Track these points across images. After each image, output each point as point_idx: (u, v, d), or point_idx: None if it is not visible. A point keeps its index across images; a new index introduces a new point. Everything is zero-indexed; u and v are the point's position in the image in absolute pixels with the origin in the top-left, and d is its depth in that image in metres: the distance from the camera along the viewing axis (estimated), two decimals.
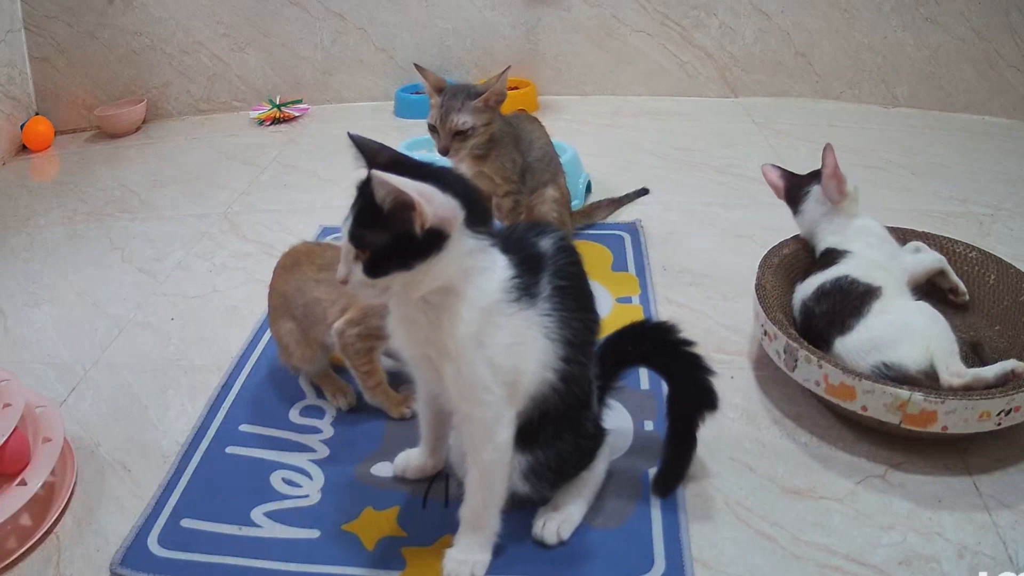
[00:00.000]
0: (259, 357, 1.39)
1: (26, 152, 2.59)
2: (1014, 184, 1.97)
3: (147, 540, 1.00)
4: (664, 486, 1.04)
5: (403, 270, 0.78)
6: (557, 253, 0.88)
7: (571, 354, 0.88)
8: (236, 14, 2.69)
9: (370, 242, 0.78)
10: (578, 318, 0.88)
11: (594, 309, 0.94)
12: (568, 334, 0.87)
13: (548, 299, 0.85)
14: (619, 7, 2.63)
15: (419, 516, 1.03)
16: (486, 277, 0.82)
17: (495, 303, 0.82)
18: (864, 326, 1.14)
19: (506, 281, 0.82)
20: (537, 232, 0.90)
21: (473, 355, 0.82)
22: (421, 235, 0.76)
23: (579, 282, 0.91)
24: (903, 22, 2.49)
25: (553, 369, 0.87)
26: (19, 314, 1.60)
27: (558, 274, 0.87)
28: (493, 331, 0.82)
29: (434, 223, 0.76)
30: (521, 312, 0.83)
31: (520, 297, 0.83)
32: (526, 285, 0.84)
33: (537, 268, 0.86)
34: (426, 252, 0.77)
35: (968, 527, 0.98)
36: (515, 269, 0.84)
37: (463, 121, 1.40)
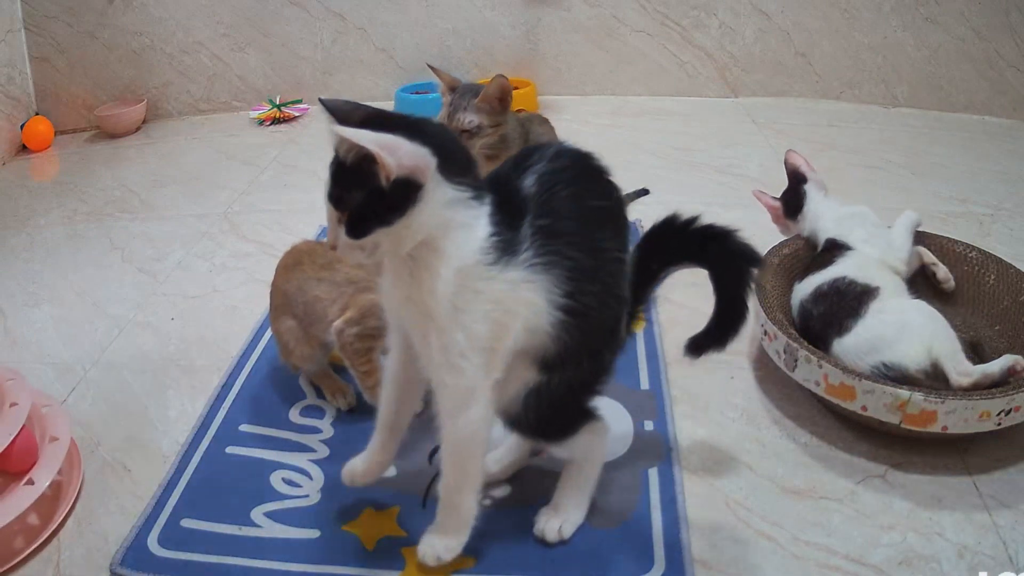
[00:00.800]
0: (259, 357, 1.39)
1: (26, 152, 2.59)
2: (1014, 184, 1.97)
3: (147, 540, 1.00)
4: (699, 347, 0.99)
5: (383, 226, 0.76)
6: (541, 184, 0.82)
7: (575, 288, 0.82)
8: (236, 14, 2.69)
9: (347, 201, 0.77)
10: (578, 245, 0.82)
11: (607, 226, 0.86)
12: (564, 271, 0.81)
13: (531, 248, 0.80)
14: (619, 7, 2.63)
15: (419, 516, 1.03)
16: (466, 233, 0.78)
17: (472, 265, 0.78)
18: (862, 327, 1.14)
19: (484, 240, 0.78)
20: (523, 168, 0.84)
21: (449, 319, 0.79)
22: (388, 187, 0.74)
23: (575, 205, 0.83)
24: (903, 22, 2.49)
25: (551, 315, 0.82)
26: (19, 314, 1.60)
27: (543, 211, 0.81)
28: (470, 297, 0.79)
29: (401, 173, 0.73)
30: (501, 274, 0.79)
31: (499, 258, 0.79)
32: (506, 243, 0.79)
33: (518, 215, 0.81)
34: (402, 205, 0.75)
35: (968, 527, 0.98)
36: (495, 226, 0.79)
37: (468, 120, 1.42)
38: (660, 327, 1.41)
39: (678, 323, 1.43)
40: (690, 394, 1.25)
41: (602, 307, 0.86)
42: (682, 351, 1.00)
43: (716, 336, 0.98)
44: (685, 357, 0.99)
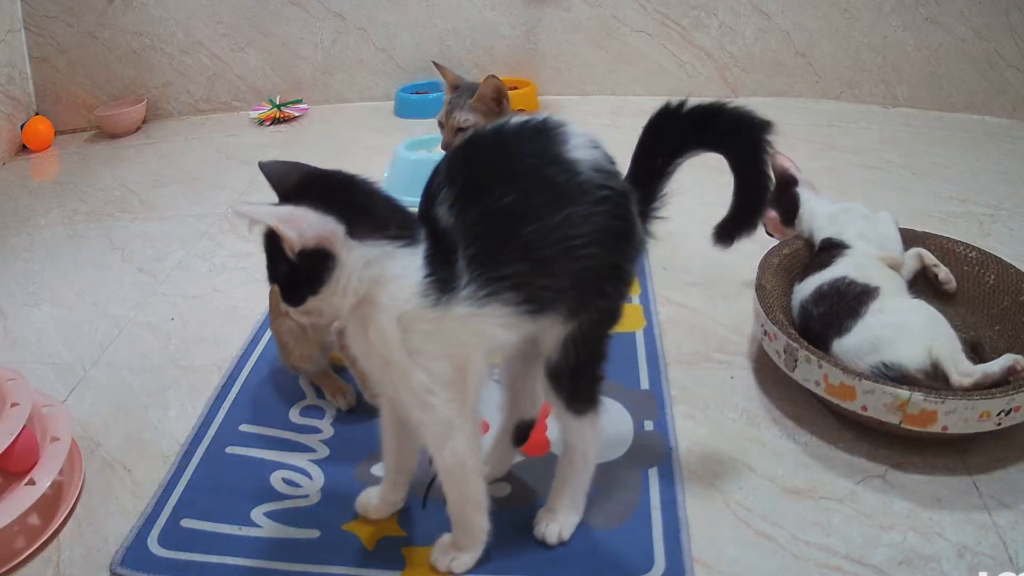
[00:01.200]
0: (259, 357, 1.39)
1: (26, 152, 2.59)
2: (1014, 184, 1.97)
3: (147, 540, 1.00)
4: (728, 233, 0.93)
5: (312, 295, 0.77)
6: (452, 213, 0.78)
7: (532, 293, 0.80)
8: (236, 14, 2.69)
9: (275, 273, 0.78)
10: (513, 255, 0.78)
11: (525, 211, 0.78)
12: (511, 291, 0.79)
13: (471, 282, 0.78)
14: (619, 7, 2.63)
15: (419, 516, 1.03)
16: (397, 284, 0.77)
17: (412, 311, 0.77)
18: (861, 326, 1.14)
19: (419, 284, 0.77)
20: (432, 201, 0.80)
21: (406, 363, 0.80)
22: (297, 259, 0.74)
23: (487, 217, 0.78)
24: (903, 22, 2.48)
25: (520, 324, 0.81)
26: (19, 314, 1.60)
27: (466, 240, 0.78)
28: (420, 339, 0.79)
29: (307, 245, 0.73)
30: (446, 312, 0.78)
31: (439, 298, 0.77)
32: (442, 281, 0.77)
33: (450, 251, 0.78)
34: (318, 274, 0.75)
35: (968, 527, 0.98)
36: (429, 266, 0.78)
37: (464, 119, 1.43)
38: (660, 327, 1.41)
39: (678, 323, 1.44)
40: (690, 394, 1.25)
41: (579, 277, 0.82)
42: (712, 240, 0.93)
43: (743, 217, 0.92)
44: (715, 246, 0.93)
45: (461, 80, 1.49)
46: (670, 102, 0.88)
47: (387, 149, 2.11)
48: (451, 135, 1.45)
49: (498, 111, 1.45)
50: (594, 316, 0.85)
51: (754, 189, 0.90)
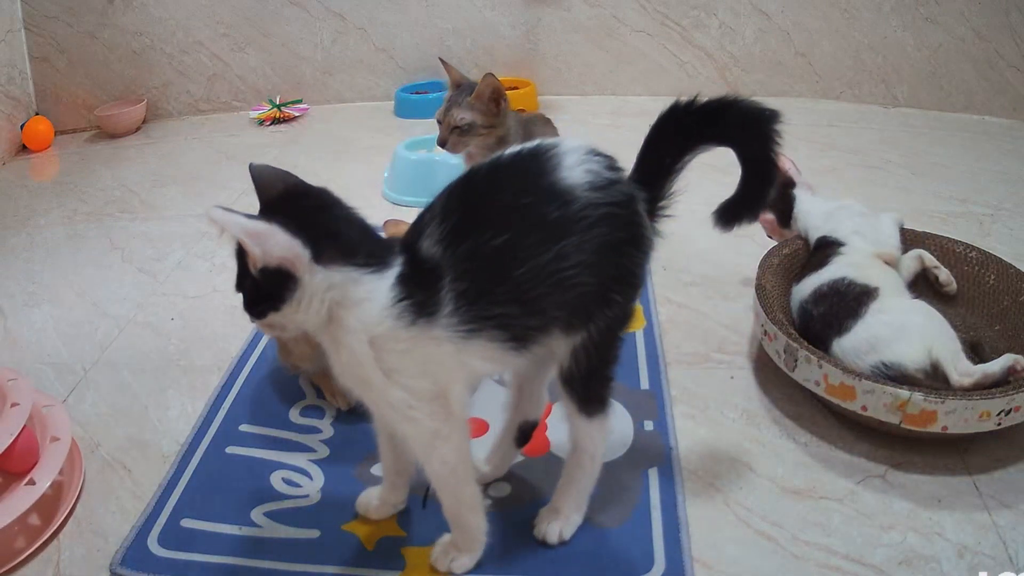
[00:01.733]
0: (259, 357, 1.39)
1: (26, 152, 2.59)
2: (1014, 184, 1.97)
3: (147, 540, 1.00)
4: (729, 216, 0.93)
5: (273, 311, 0.77)
6: (442, 246, 0.78)
7: (518, 332, 0.81)
8: (236, 14, 2.69)
9: (241, 283, 0.78)
10: (506, 299, 0.78)
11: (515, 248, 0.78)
12: (499, 323, 0.79)
13: (455, 313, 0.78)
14: (619, 7, 2.63)
15: (419, 516, 1.03)
16: (364, 308, 0.77)
17: (386, 331, 0.77)
18: (861, 326, 1.14)
19: (391, 307, 0.77)
20: (419, 232, 0.81)
21: (383, 382, 0.80)
22: (259, 275, 0.74)
23: (477, 253, 0.78)
24: (903, 22, 2.48)
25: (507, 355, 0.82)
26: (19, 314, 1.60)
27: (457, 277, 0.78)
28: (396, 358, 0.78)
29: (270, 263, 0.73)
30: (424, 333, 0.78)
31: (415, 319, 0.77)
32: (419, 304, 0.77)
33: (433, 280, 0.78)
34: (280, 293, 0.75)
35: (968, 527, 0.98)
36: (404, 289, 0.77)
37: (460, 117, 1.43)
38: (660, 327, 1.41)
39: (678, 323, 1.44)
40: (690, 394, 1.25)
41: (576, 303, 0.82)
42: (712, 221, 0.93)
43: (747, 203, 0.91)
44: (715, 227, 0.93)
45: (465, 79, 1.50)
46: (679, 100, 0.87)
47: (387, 149, 2.11)
48: (447, 132, 1.45)
49: (496, 111, 1.45)
50: (602, 324, 0.85)
51: (761, 178, 0.89)
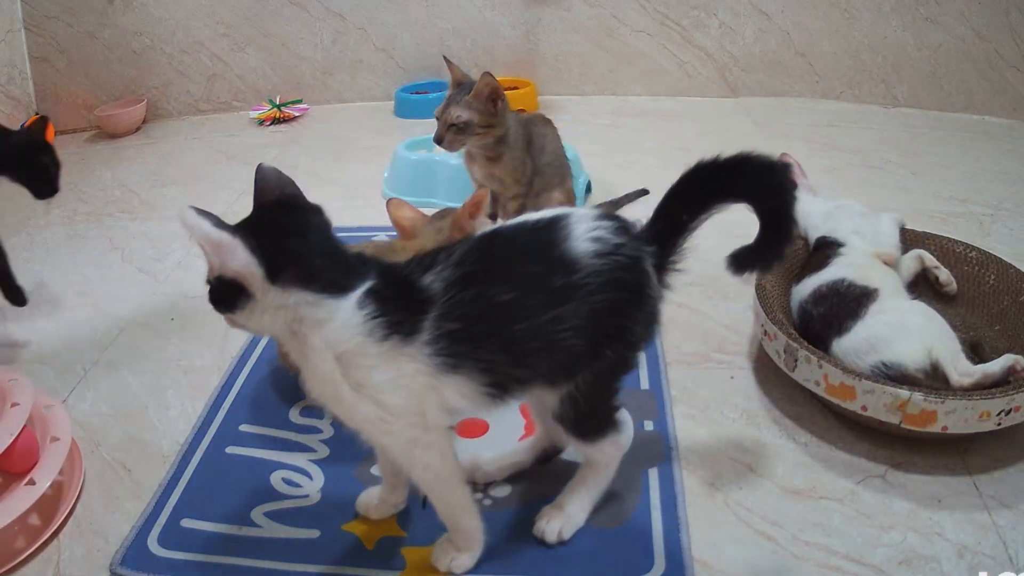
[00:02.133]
0: (259, 357, 1.39)
1: None
2: (1014, 184, 1.97)
3: (147, 540, 1.00)
4: (743, 263, 0.94)
5: (228, 312, 0.79)
6: (448, 290, 0.80)
7: (502, 372, 0.82)
8: (236, 14, 2.69)
9: (208, 279, 0.79)
10: (498, 345, 0.81)
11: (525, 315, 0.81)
12: (482, 364, 0.81)
13: (435, 342, 0.79)
14: (619, 7, 2.63)
15: (419, 516, 1.03)
16: (326, 328, 0.78)
17: (352, 348, 0.78)
18: (861, 327, 1.14)
19: (360, 324, 0.78)
20: (424, 267, 0.83)
21: (352, 397, 0.80)
22: (213, 282, 0.77)
23: (486, 309, 0.81)
24: (903, 22, 2.48)
25: (478, 393, 0.83)
26: (19, 314, 1.60)
27: (451, 314, 0.79)
28: (364, 373, 0.79)
29: (225, 274, 0.75)
30: (396, 350, 0.79)
31: (388, 335, 0.78)
32: (394, 323, 0.78)
33: (416, 308, 0.80)
34: (232, 301, 0.77)
35: (968, 527, 0.98)
36: (379, 307, 0.78)
37: (457, 115, 1.44)
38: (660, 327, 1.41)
39: (678, 323, 1.44)
40: (690, 394, 1.25)
41: (561, 362, 0.85)
42: (726, 264, 0.94)
43: (763, 255, 0.93)
44: (728, 270, 0.94)
45: (467, 78, 1.50)
46: (703, 159, 0.90)
47: (387, 149, 2.11)
48: (443, 129, 1.45)
49: (493, 111, 1.45)
50: (590, 377, 0.87)
51: (779, 230, 0.91)
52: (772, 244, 0.92)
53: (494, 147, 1.49)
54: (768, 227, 0.91)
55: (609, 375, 0.90)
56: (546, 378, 0.87)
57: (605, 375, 0.89)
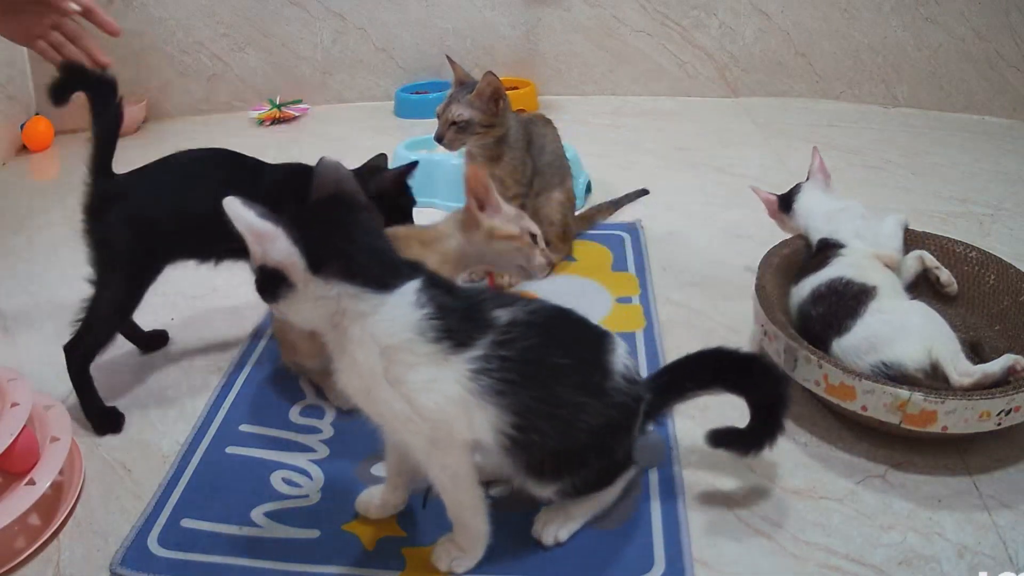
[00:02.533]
0: (259, 357, 1.39)
1: (26, 152, 2.58)
2: (1014, 184, 1.97)
3: (147, 540, 1.00)
4: (720, 440, 1.00)
5: (273, 301, 0.80)
6: (513, 326, 0.84)
7: (525, 423, 0.85)
8: (236, 14, 2.69)
9: (253, 269, 0.80)
10: (530, 394, 0.84)
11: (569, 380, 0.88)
12: (515, 404, 0.84)
13: (482, 362, 0.82)
14: (619, 7, 2.63)
15: (419, 516, 1.03)
16: (371, 321, 0.80)
17: (399, 343, 0.80)
18: (861, 326, 1.14)
19: (416, 321, 0.80)
20: (501, 302, 0.88)
21: (384, 393, 0.81)
22: (256, 272, 0.78)
23: (540, 355, 0.86)
24: (903, 22, 2.49)
25: (501, 432, 0.85)
26: (19, 314, 1.60)
27: (506, 345, 0.83)
28: (404, 369, 0.80)
29: (268, 264, 0.77)
30: (443, 355, 0.81)
31: (439, 338, 0.80)
32: (449, 330, 0.81)
33: (475, 328, 0.83)
34: (274, 290, 0.79)
35: (968, 527, 0.98)
36: (438, 311, 0.81)
37: (458, 113, 1.44)
38: (660, 327, 1.41)
39: (678, 323, 1.44)
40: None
41: (565, 448, 0.89)
42: (705, 437, 1.01)
43: (744, 442, 1.00)
44: (706, 442, 1.01)
45: (469, 77, 1.51)
46: (724, 347, 1.02)
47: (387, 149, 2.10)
48: (444, 127, 1.45)
49: (495, 111, 1.45)
50: (578, 483, 0.93)
51: (766, 431, 0.98)
52: (756, 438, 0.99)
53: (494, 147, 1.49)
54: (757, 422, 0.99)
55: (593, 483, 0.96)
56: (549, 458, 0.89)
57: (590, 483, 0.95)
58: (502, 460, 0.90)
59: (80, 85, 1.19)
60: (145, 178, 1.28)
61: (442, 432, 0.84)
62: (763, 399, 0.99)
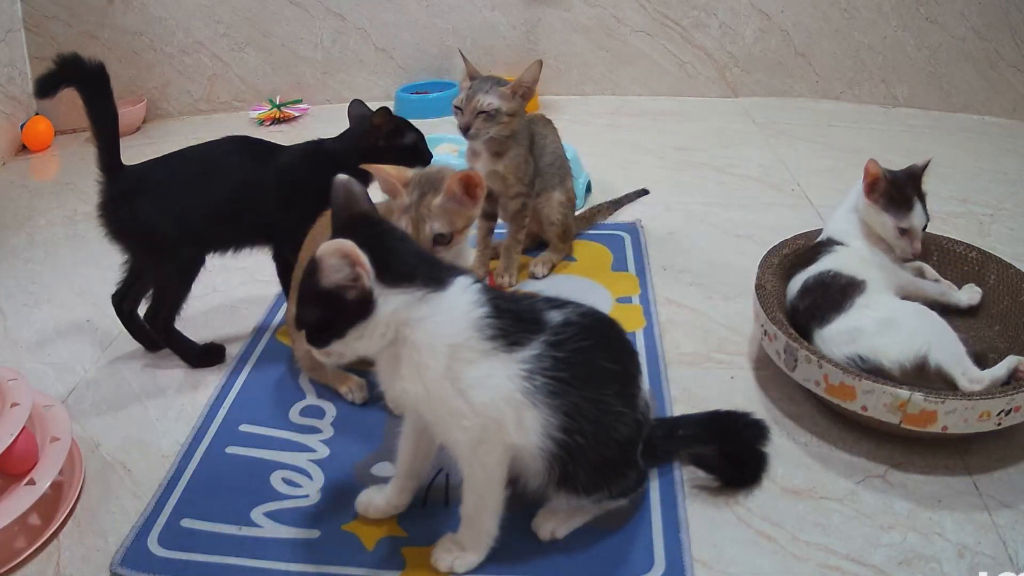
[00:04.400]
0: (259, 357, 1.39)
1: (26, 152, 2.58)
2: (1014, 184, 1.97)
3: (147, 540, 1.00)
4: (703, 464, 1.06)
5: (338, 339, 0.82)
6: (565, 327, 0.87)
7: (571, 425, 0.87)
8: (236, 14, 2.69)
9: (306, 318, 0.82)
10: (580, 394, 0.87)
11: (613, 385, 0.91)
12: (565, 405, 0.86)
13: (535, 362, 0.84)
14: (619, 7, 2.63)
15: (419, 516, 1.03)
16: (432, 322, 0.82)
17: (464, 340, 0.82)
18: (843, 318, 1.15)
19: (476, 320, 0.83)
20: (553, 304, 0.91)
21: (443, 391, 0.82)
22: (312, 316, 0.81)
23: (589, 358, 0.89)
24: (903, 22, 2.49)
25: (548, 435, 0.86)
26: (19, 314, 1.60)
27: (558, 346, 0.86)
28: (461, 366, 0.82)
29: (366, 285, 0.79)
30: (497, 353, 0.83)
31: (496, 337, 0.83)
32: (505, 330, 0.83)
33: (529, 328, 0.86)
34: (354, 318, 0.80)
35: (968, 527, 0.98)
36: (495, 311, 0.84)
37: (488, 102, 1.45)
38: (660, 327, 1.41)
39: (678, 323, 1.44)
40: (690, 394, 1.25)
41: (597, 446, 0.91)
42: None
43: (722, 475, 1.05)
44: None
45: (479, 73, 1.52)
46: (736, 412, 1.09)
47: None
48: (471, 116, 1.46)
49: (521, 103, 1.48)
50: (615, 492, 0.96)
51: (745, 477, 1.06)
52: (738, 479, 1.06)
53: (502, 142, 1.49)
54: (739, 469, 1.06)
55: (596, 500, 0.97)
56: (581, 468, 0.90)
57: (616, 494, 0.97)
58: (536, 470, 0.91)
59: (71, 79, 1.19)
60: (160, 164, 1.29)
61: (491, 430, 0.85)
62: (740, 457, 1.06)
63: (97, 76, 1.22)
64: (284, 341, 1.42)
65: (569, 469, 0.90)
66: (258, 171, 1.31)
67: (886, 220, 1.26)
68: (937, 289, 1.31)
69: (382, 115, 1.31)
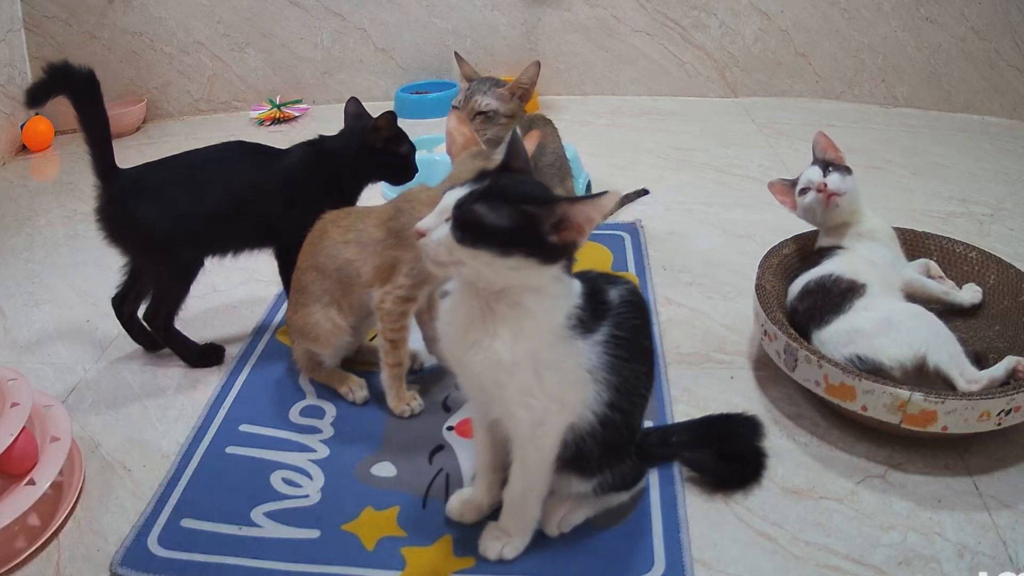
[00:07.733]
0: (259, 357, 1.39)
1: (26, 152, 2.58)
2: (1014, 184, 1.97)
3: (147, 540, 1.00)
4: (702, 468, 1.07)
5: (493, 252, 0.76)
6: (622, 305, 0.89)
7: (616, 400, 0.88)
8: (236, 14, 2.69)
9: (497, 214, 0.76)
10: (630, 368, 0.89)
11: (648, 363, 0.95)
12: (616, 381, 0.88)
13: (603, 343, 0.86)
14: (619, 7, 2.63)
15: (419, 516, 1.03)
16: (556, 302, 0.83)
17: (558, 326, 0.83)
18: (843, 319, 1.15)
19: (572, 308, 0.84)
20: (608, 280, 0.92)
21: (524, 365, 0.82)
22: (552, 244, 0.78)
23: (638, 336, 0.91)
24: (903, 22, 2.49)
25: (593, 410, 0.87)
26: (19, 314, 1.60)
27: (619, 325, 0.88)
28: (545, 348, 0.83)
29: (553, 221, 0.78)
30: (573, 340, 0.84)
31: (576, 325, 0.84)
32: (585, 320, 0.85)
33: (599, 312, 0.87)
34: (537, 253, 0.77)
35: (968, 527, 0.98)
36: (583, 301, 0.85)
37: (486, 103, 1.45)
38: (660, 327, 1.41)
39: (678, 323, 1.44)
40: (690, 394, 1.25)
41: (622, 426, 0.92)
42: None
43: (721, 477, 1.07)
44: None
45: (477, 74, 1.52)
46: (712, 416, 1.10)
47: None
48: (469, 117, 1.45)
49: (519, 105, 1.48)
50: (616, 477, 0.96)
51: (745, 478, 1.07)
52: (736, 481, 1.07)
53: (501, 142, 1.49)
54: (741, 468, 1.07)
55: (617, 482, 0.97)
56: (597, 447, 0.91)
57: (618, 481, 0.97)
58: None
59: (61, 87, 1.19)
60: (157, 167, 1.30)
61: (553, 412, 0.85)
62: (734, 458, 1.07)
63: (87, 83, 1.22)
64: (284, 341, 1.42)
65: (587, 445, 0.90)
66: (258, 172, 1.32)
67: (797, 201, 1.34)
68: (941, 288, 1.31)
69: (387, 119, 1.30)
